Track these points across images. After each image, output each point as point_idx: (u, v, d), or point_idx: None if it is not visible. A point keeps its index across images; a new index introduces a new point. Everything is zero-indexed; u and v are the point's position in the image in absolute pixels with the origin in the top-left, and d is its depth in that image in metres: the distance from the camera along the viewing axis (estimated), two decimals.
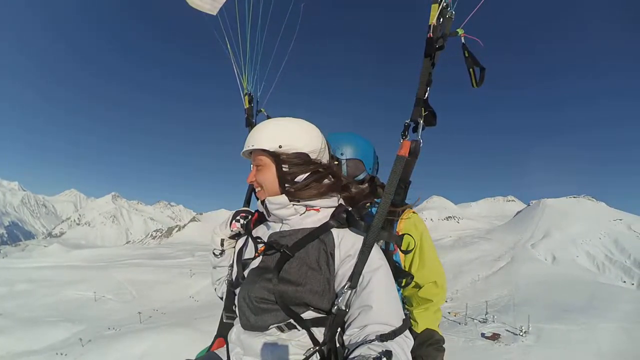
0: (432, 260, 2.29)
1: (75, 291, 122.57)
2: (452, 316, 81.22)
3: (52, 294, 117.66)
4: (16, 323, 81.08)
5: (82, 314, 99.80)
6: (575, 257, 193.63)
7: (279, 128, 1.72)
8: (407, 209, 2.21)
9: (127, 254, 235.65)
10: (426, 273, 2.26)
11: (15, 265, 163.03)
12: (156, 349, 59.36)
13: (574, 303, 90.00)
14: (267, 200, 1.71)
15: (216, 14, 2.65)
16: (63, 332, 77.33)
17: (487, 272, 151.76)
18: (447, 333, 66.00)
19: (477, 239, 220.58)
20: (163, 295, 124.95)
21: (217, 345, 2.01)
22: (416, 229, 2.28)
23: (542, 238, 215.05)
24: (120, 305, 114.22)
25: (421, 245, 2.27)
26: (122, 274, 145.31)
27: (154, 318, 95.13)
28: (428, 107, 1.82)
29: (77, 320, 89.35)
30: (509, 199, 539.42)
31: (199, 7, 2.66)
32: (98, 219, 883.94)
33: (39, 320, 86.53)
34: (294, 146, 1.68)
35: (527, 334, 66.01)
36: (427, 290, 2.28)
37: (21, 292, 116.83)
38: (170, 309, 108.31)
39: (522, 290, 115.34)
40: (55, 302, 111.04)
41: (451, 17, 1.79)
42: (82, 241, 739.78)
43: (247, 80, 2.67)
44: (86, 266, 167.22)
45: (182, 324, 74.94)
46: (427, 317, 2.31)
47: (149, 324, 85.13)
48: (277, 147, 1.67)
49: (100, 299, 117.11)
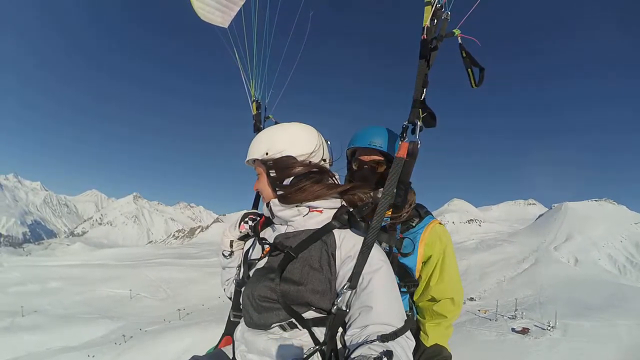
0: (452, 275, 2.30)
1: (108, 289, 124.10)
2: (482, 313, 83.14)
3: (85, 292, 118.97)
4: (52, 320, 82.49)
5: (119, 311, 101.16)
6: (597, 260, 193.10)
7: (266, 136, 1.82)
8: (429, 216, 2.37)
9: (153, 253, 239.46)
10: (444, 288, 2.28)
11: (43, 263, 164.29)
12: (199, 344, 58.18)
13: (596, 302, 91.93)
14: (271, 202, 1.78)
15: (227, 26, 2.79)
16: (101, 329, 78.40)
17: (512, 273, 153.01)
18: (479, 328, 69.24)
19: (500, 241, 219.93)
20: (197, 293, 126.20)
21: (225, 343, 2.09)
22: (440, 241, 2.29)
23: (565, 241, 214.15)
24: (157, 303, 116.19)
25: (444, 259, 2.29)
26: (153, 273, 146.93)
27: (193, 315, 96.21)
28: (426, 108, 1.84)
29: (115, 317, 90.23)
30: (530, 202, 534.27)
31: (210, 20, 2.79)
32: (119, 219, 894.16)
33: (75, 317, 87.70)
34: (278, 150, 1.76)
35: (554, 328, 68.09)
36: (443, 305, 2.29)
37: (54, 290, 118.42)
38: (207, 306, 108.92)
39: (546, 290, 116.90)
40: (89, 300, 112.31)
41: (447, 18, 1.80)
42: (104, 240, 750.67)
43: (255, 87, 2.74)
44: (115, 265, 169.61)
45: (223, 320, 74.06)
46: (438, 332, 2.34)
47: (189, 321, 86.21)
48: (264, 154, 1.77)
49: (135, 297, 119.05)
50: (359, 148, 2.46)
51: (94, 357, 58.95)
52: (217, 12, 2.77)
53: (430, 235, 2.27)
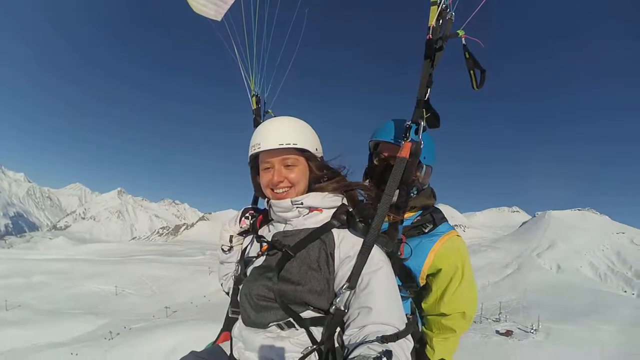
0: (467, 292, 2.19)
1: (94, 284, 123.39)
2: None
3: (70, 287, 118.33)
4: (37, 315, 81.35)
5: (105, 308, 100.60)
6: (579, 267, 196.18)
7: (303, 126, 1.80)
8: (444, 223, 2.28)
9: (138, 250, 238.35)
10: (456, 304, 2.18)
11: (27, 257, 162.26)
12: (187, 342, 55.83)
13: (578, 307, 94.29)
14: (272, 203, 1.76)
15: (221, 19, 2.74)
16: (88, 325, 77.48)
17: (496, 278, 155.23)
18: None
19: (485, 247, 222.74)
20: (183, 291, 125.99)
21: (223, 339, 2.08)
22: (456, 255, 2.19)
23: (548, 248, 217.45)
24: (142, 300, 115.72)
25: (461, 275, 2.18)
26: (139, 269, 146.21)
27: (179, 313, 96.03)
28: (430, 108, 1.84)
29: (101, 313, 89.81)
30: (514, 210, 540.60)
31: (203, 12, 2.73)
32: (103, 214, 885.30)
33: (60, 313, 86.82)
34: (318, 148, 1.81)
35: (537, 331, 69.94)
36: (453, 320, 2.20)
37: (39, 284, 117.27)
38: (195, 304, 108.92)
39: (529, 295, 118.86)
40: (75, 295, 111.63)
41: (451, 18, 1.82)
42: (87, 235, 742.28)
43: (254, 82, 2.72)
44: (100, 260, 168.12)
45: (212, 319, 73.10)
46: (445, 347, 2.27)
47: (176, 319, 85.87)
48: (312, 147, 1.75)
49: (120, 293, 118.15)
50: (382, 142, 2.33)
51: (77, 355, 58.28)
52: (210, 4, 2.72)
53: (445, 248, 2.17)
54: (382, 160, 2.29)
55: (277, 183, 1.73)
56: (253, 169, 1.94)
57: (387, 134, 2.28)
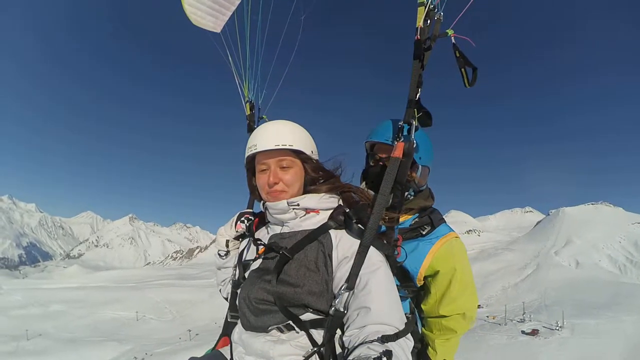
0: (464, 292, 2.20)
1: (112, 311, 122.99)
2: (491, 319, 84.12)
3: (88, 315, 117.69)
4: (58, 343, 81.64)
5: (126, 334, 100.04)
6: (598, 261, 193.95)
7: (299, 130, 1.80)
8: (443, 224, 2.26)
9: (154, 275, 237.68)
10: (456, 304, 2.18)
11: (43, 286, 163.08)
12: None
13: (599, 300, 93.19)
14: (268, 205, 1.76)
15: (220, 31, 2.76)
16: (111, 352, 77.39)
17: (515, 279, 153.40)
18: (490, 333, 69.86)
19: (500, 250, 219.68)
20: (203, 313, 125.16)
21: (222, 344, 2.06)
22: (453, 257, 2.18)
23: (564, 245, 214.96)
24: (163, 325, 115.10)
25: (459, 276, 2.17)
26: (157, 294, 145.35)
27: (202, 336, 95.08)
28: (421, 107, 1.84)
29: (123, 340, 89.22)
30: (527, 210, 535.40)
31: (203, 25, 2.75)
32: (116, 241, 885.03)
33: (81, 340, 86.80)
34: (314, 151, 1.81)
35: (562, 328, 69.42)
36: (453, 320, 2.20)
37: (56, 313, 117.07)
38: (218, 325, 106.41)
39: (551, 293, 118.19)
40: (94, 322, 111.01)
41: (440, 18, 1.82)
42: (101, 263, 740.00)
43: (248, 88, 2.74)
44: (116, 287, 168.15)
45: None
46: (447, 347, 2.27)
47: (199, 341, 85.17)
48: (307, 149, 1.76)
49: (141, 319, 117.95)
50: (377, 143, 2.33)
51: None
52: (209, 17, 2.76)
53: (443, 250, 2.17)
54: (377, 161, 2.31)
55: (272, 184, 1.72)
56: (249, 171, 1.94)
57: (382, 135, 2.29)
